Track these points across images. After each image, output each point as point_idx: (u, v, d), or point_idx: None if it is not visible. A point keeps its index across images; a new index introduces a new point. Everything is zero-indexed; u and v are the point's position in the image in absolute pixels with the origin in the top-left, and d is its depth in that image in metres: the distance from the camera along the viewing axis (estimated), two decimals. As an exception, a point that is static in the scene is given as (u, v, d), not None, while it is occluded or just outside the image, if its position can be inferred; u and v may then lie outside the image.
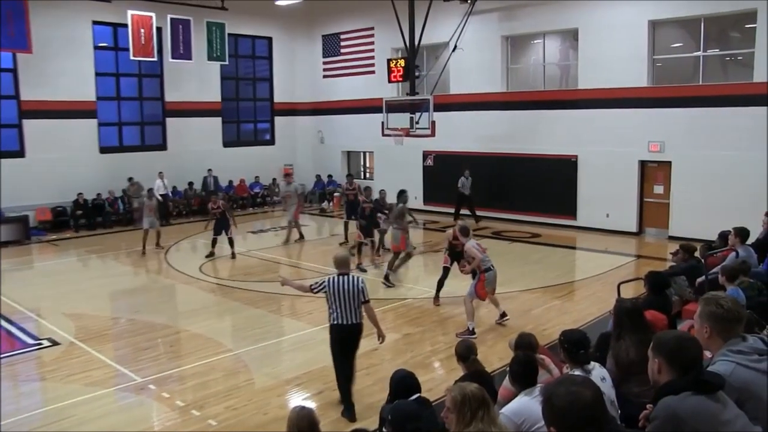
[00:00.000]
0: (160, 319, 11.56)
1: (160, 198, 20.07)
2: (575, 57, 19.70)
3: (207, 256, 16.51)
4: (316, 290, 7.51)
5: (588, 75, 18.94)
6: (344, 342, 7.54)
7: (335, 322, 7.45)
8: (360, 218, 15.69)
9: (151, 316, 11.75)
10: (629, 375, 5.11)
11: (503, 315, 10.79)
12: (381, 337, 7.74)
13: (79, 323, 11.28)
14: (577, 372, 4.72)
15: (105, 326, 11.27)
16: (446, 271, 11.80)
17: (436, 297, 11.97)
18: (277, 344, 10.23)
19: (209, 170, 24.46)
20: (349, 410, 7.47)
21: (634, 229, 18.49)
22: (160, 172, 22.44)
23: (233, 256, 16.48)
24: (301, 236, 18.59)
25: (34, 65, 20.32)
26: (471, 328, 10.21)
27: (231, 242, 16.59)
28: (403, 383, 5.06)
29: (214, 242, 16.86)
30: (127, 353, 9.89)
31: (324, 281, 7.45)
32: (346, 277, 7.42)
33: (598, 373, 4.84)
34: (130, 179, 22.31)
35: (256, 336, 10.44)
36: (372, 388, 8.16)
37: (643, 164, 18.29)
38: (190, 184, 24.08)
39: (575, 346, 4.91)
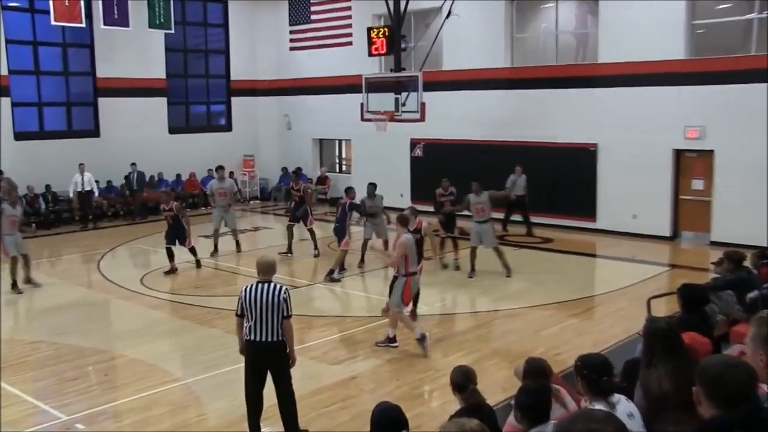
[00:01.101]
0: (91, 342, 11.42)
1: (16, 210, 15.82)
2: (594, 24, 19.80)
3: (166, 273, 15.90)
4: (237, 313, 7.58)
5: (610, 46, 19.04)
6: (256, 363, 7.57)
7: (247, 338, 7.50)
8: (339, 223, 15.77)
9: (80, 338, 11.62)
10: (663, 411, 5.10)
11: (392, 340, 10.74)
12: (291, 360, 7.69)
13: (-11, 348, 11.13)
14: (598, 406, 4.71)
15: (20, 353, 11.09)
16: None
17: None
18: (235, 371, 10.09)
19: (133, 164, 23.74)
20: None
21: (667, 232, 18.62)
22: (81, 164, 22.01)
23: (198, 265, 16.32)
24: (238, 246, 18.22)
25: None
26: (392, 336, 10.68)
27: (192, 251, 16.23)
28: (387, 418, 5.00)
29: (170, 254, 15.96)
30: (50, 385, 9.77)
31: (240, 296, 7.53)
32: (265, 285, 7.46)
33: (624, 407, 4.83)
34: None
35: (210, 361, 10.36)
36: (349, 425, 8.13)
37: (678, 154, 18.42)
38: (127, 178, 23.92)
39: (596, 372, 4.89)
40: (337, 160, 28.17)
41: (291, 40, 27.31)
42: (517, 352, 10.32)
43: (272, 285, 7.48)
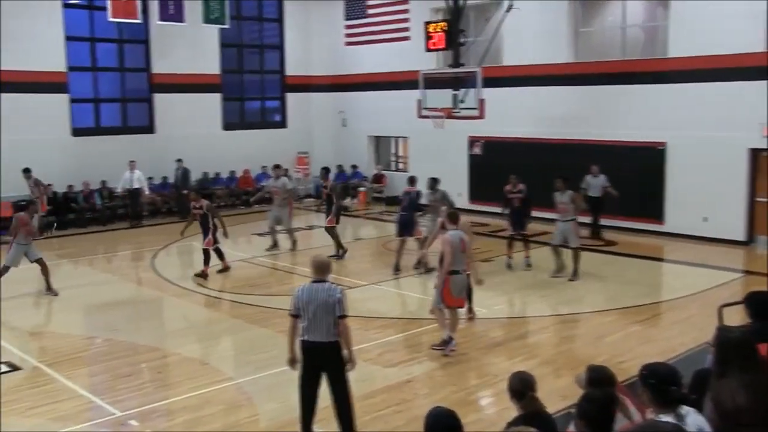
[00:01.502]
0: (144, 339, 11.65)
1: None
2: (665, 17, 19.49)
3: (219, 271, 15.84)
4: (291, 313, 7.59)
5: (682, 39, 18.68)
6: (310, 364, 7.58)
7: (302, 338, 7.52)
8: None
9: (134, 335, 11.85)
10: (737, 427, 4.97)
11: (446, 342, 10.64)
12: (351, 363, 7.65)
13: (45, 344, 11.44)
14: (665, 418, 4.63)
15: (77, 348, 11.38)
16: None
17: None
18: (287, 373, 10.14)
19: (178, 161, 23.82)
20: None
21: (741, 237, 18.23)
22: (131, 161, 22.40)
23: (225, 269, 15.99)
24: (294, 245, 18.33)
25: (-12, 26, 20.68)
26: (446, 338, 10.53)
27: (219, 253, 15.86)
28: (440, 425, 4.98)
29: (218, 253, 15.87)
30: (104, 381, 9.98)
31: (295, 295, 7.55)
32: (320, 285, 7.49)
33: (694, 420, 4.74)
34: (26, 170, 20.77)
35: (262, 362, 10.46)
36: (404, 429, 8.14)
37: (754, 153, 18.00)
38: (184, 174, 24.25)
39: (664, 382, 4.80)
40: (393, 158, 28.20)
41: (347, 35, 27.43)
42: (579, 358, 10.22)
43: (327, 285, 7.50)
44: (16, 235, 14.21)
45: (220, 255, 15.97)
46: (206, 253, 15.61)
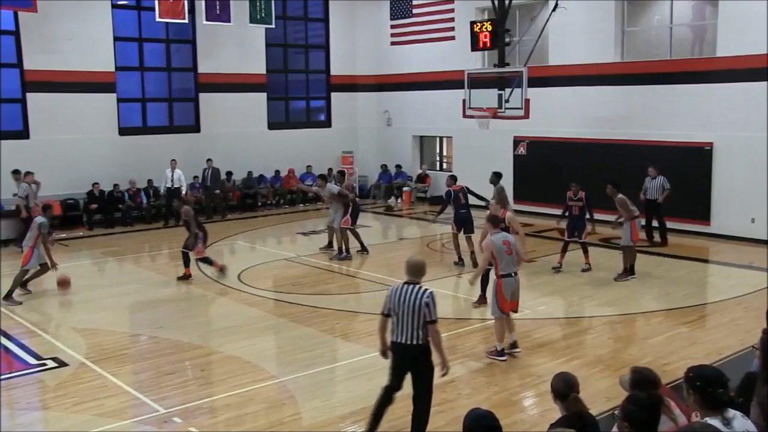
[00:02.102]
0: (188, 337, 11.78)
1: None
2: (714, 16, 19.21)
3: (179, 279, 15.65)
4: (382, 312, 7.65)
5: (730, 38, 18.41)
6: (397, 363, 7.65)
7: (392, 339, 7.61)
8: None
9: (178, 333, 11.99)
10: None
11: (514, 345, 10.59)
12: (444, 367, 7.72)
13: (90, 340, 11.59)
14: (712, 421, 4.56)
15: (122, 345, 11.54)
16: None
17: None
18: (330, 371, 10.30)
19: (209, 161, 23.90)
20: None
21: (788, 238, 17.91)
22: (173, 160, 22.64)
23: (185, 276, 15.61)
24: (330, 245, 18.26)
25: (39, 27, 21.03)
26: (499, 349, 10.39)
27: (186, 258, 15.65)
28: (480, 427, 4.96)
29: (185, 259, 15.76)
30: (149, 378, 10.10)
31: (387, 295, 7.65)
32: (411, 287, 7.50)
33: (741, 424, 4.66)
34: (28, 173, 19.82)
35: (306, 360, 10.51)
36: (446, 429, 8.11)
37: (803, 154, 17.67)
38: (229, 174, 24.52)
39: (712, 384, 4.72)
40: (438, 158, 28.16)
41: (392, 35, 27.45)
42: (623, 360, 10.13)
43: (417, 287, 7.49)
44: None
45: (186, 260, 15.72)
46: (184, 256, 15.69)
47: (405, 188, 26.50)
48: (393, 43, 27.46)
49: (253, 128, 25.63)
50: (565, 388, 5.73)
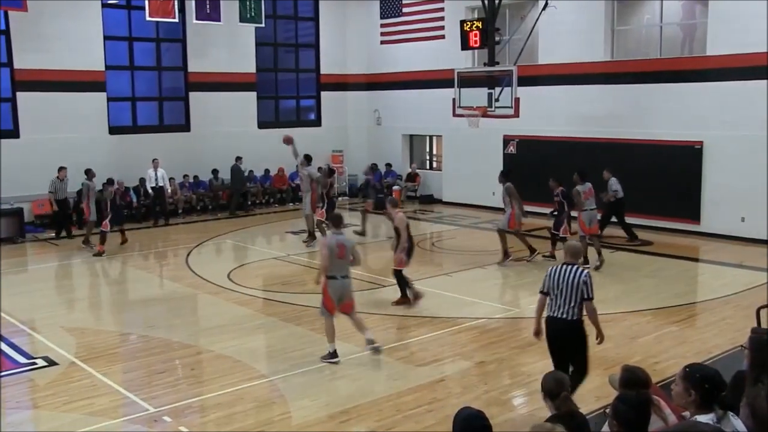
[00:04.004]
0: (178, 336, 11.75)
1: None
2: (704, 14, 19.26)
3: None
4: (541, 290, 8.43)
5: (721, 37, 18.44)
6: (553, 338, 8.32)
7: (547, 314, 8.34)
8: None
9: (168, 332, 11.95)
10: (772, 434, 4.90)
11: (371, 342, 10.44)
12: (600, 337, 8.46)
13: (81, 339, 11.55)
14: (704, 419, 4.56)
15: (112, 344, 11.50)
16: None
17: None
18: (319, 370, 10.27)
19: (238, 158, 24.37)
20: None
21: (779, 237, 17.99)
22: (155, 160, 22.49)
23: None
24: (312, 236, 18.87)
25: (29, 27, 20.94)
26: (331, 351, 10.28)
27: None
28: (469, 425, 4.94)
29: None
30: (139, 377, 10.08)
31: (546, 275, 8.41)
32: (570, 267, 8.24)
33: (732, 424, 4.67)
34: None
35: (296, 359, 10.50)
36: (435, 429, 8.11)
37: (793, 153, 17.73)
38: (215, 172, 24.50)
39: (717, 387, 4.72)
40: (428, 157, 28.16)
41: (382, 34, 27.44)
42: (612, 359, 10.12)
43: (575, 267, 8.22)
44: None
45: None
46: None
47: (395, 187, 26.46)
48: (383, 42, 27.44)
49: (243, 127, 25.59)
50: (555, 387, 5.74)
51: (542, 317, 8.45)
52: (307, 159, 19.06)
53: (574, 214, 16.14)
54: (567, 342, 8.24)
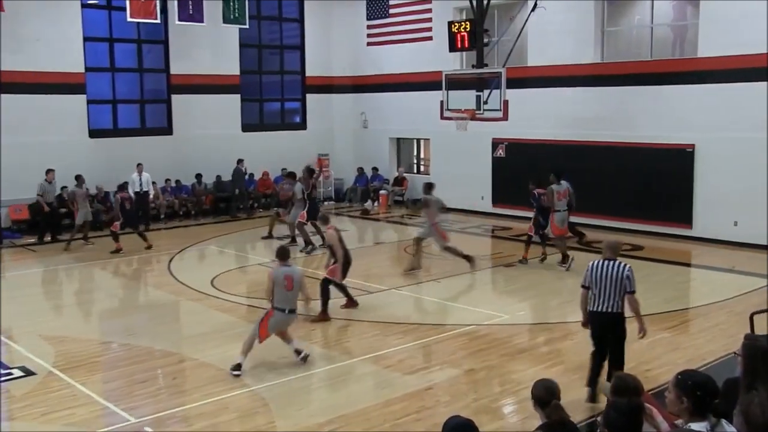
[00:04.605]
0: (160, 344, 11.68)
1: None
2: (695, 15, 19.34)
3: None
4: (583, 284, 8.99)
5: (713, 38, 18.49)
6: (597, 331, 8.96)
7: (590, 308, 8.94)
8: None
9: (150, 340, 11.88)
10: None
11: (298, 352, 10.56)
12: (642, 330, 9.05)
13: (59, 348, 11.46)
14: (697, 427, 4.57)
15: (92, 353, 11.41)
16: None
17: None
18: (305, 379, 10.24)
19: (240, 161, 24.71)
20: (593, 395, 8.86)
21: (772, 242, 18.06)
22: (139, 164, 22.27)
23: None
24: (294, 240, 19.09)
25: (6, 27, 20.75)
26: (238, 362, 10.23)
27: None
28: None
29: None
30: (119, 387, 10.00)
31: (587, 269, 8.96)
32: (611, 262, 8.79)
33: (725, 431, 4.68)
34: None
35: (280, 368, 10.47)
36: (424, 439, 8.10)
37: (787, 156, 17.80)
38: (199, 177, 24.43)
39: (710, 394, 4.72)
40: (415, 161, 28.16)
41: (368, 35, 27.44)
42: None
43: (617, 262, 8.82)
44: None
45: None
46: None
47: (382, 191, 26.46)
48: (369, 44, 27.45)
49: (226, 130, 25.52)
50: (546, 395, 5.73)
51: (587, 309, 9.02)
52: (292, 176, 19.77)
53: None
54: (610, 334, 8.86)
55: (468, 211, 23.47)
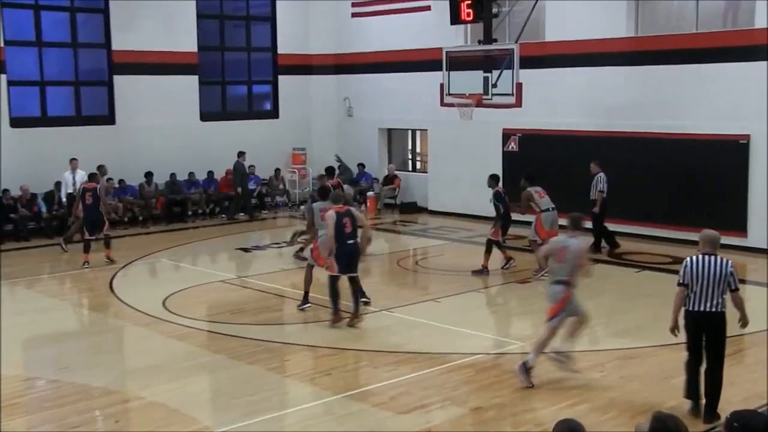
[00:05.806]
0: (99, 380, 11.59)
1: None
2: (752, -20, 19.44)
3: None
4: (680, 282, 9.72)
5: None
6: (695, 331, 9.67)
7: (687, 308, 9.65)
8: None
9: (86, 375, 11.81)
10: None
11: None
12: (743, 321, 9.87)
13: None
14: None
15: (13, 392, 11.28)
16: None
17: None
18: (279, 419, 10.23)
19: (241, 154, 25.00)
20: (696, 407, 9.65)
21: None
22: (73, 160, 22.34)
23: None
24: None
25: None
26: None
27: None
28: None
29: None
30: (48, 432, 9.94)
31: (684, 265, 9.70)
32: (712, 258, 9.53)
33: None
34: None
35: (248, 406, 10.42)
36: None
37: None
38: (148, 175, 24.40)
39: None
40: (410, 156, 28.20)
41: (353, 5, 27.52)
42: (641, 404, 10.20)
43: (719, 258, 9.55)
44: None
45: None
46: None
47: (370, 193, 26.43)
48: (355, 15, 27.51)
49: (181, 119, 25.52)
50: (570, 437, 5.72)
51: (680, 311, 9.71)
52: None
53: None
54: (712, 334, 9.59)
55: (472, 216, 23.41)
